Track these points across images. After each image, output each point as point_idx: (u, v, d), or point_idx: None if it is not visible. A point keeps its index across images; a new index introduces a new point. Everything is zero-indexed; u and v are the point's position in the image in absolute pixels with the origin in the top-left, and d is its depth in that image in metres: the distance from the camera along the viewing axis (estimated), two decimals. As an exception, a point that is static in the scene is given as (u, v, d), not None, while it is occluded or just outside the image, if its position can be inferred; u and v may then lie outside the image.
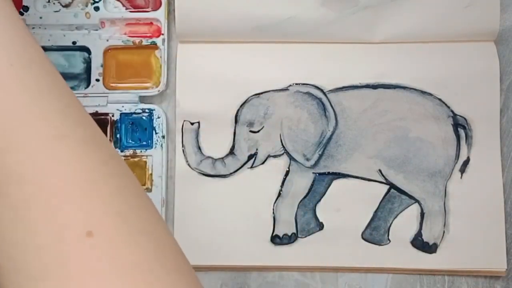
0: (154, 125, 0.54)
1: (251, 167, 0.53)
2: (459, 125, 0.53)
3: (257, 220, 0.53)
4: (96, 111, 0.54)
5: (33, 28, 0.54)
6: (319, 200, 0.53)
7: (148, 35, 0.55)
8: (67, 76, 0.55)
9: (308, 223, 0.53)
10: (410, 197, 0.53)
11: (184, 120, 0.54)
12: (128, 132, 0.54)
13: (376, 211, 0.53)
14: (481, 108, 0.54)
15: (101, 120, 0.54)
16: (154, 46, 0.55)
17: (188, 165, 0.53)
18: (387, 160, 0.53)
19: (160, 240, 0.35)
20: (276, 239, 0.53)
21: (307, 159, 0.53)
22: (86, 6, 0.55)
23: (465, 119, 0.54)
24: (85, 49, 0.55)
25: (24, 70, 0.35)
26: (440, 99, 0.54)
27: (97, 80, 0.54)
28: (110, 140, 0.53)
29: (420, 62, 0.54)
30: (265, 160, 0.53)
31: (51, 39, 0.54)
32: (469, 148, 0.53)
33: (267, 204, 0.53)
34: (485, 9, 0.53)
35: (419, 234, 0.53)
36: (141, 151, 0.53)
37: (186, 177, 0.53)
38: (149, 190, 0.53)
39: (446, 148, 0.53)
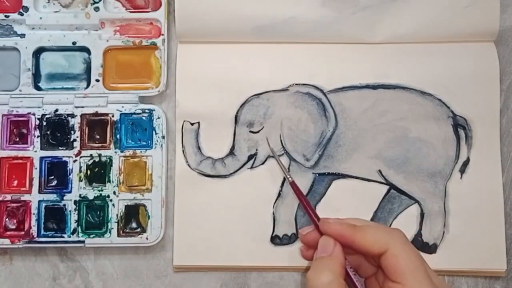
0: (154, 126, 0.54)
1: (251, 167, 0.53)
2: (459, 126, 0.53)
3: (257, 220, 0.53)
4: (96, 111, 0.54)
5: (33, 28, 0.54)
6: (319, 201, 0.53)
7: (148, 35, 0.55)
8: (67, 77, 0.55)
9: (308, 223, 0.53)
10: (410, 197, 0.53)
11: (184, 120, 0.54)
12: (128, 133, 0.54)
13: (376, 212, 0.53)
14: (481, 108, 0.54)
15: (101, 120, 0.54)
16: (154, 46, 0.55)
17: (188, 165, 0.53)
18: (387, 161, 0.53)
19: None
20: (276, 240, 0.53)
21: (307, 160, 0.53)
22: (86, 6, 0.55)
23: (465, 119, 0.54)
24: (85, 50, 0.55)
25: None
26: (440, 100, 0.54)
27: (97, 80, 0.54)
28: (110, 140, 0.53)
29: (420, 62, 0.54)
30: (265, 161, 0.53)
31: (51, 40, 0.54)
32: (469, 149, 0.53)
33: (267, 205, 0.53)
34: (485, 9, 0.53)
35: (419, 234, 0.53)
36: (141, 151, 0.53)
37: (186, 178, 0.53)
38: (149, 190, 0.53)
39: (446, 149, 0.53)
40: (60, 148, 0.53)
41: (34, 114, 0.54)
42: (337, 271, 0.43)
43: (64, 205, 0.53)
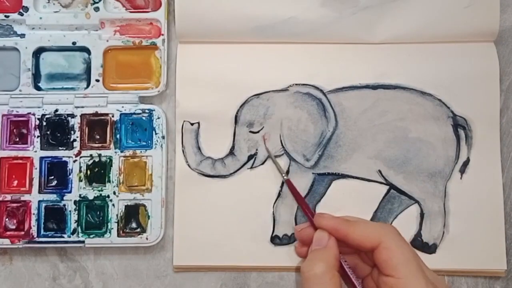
0: (154, 126, 0.54)
1: (251, 167, 0.53)
2: (459, 126, 0.53)
3: (257, 220, 0.53)
4: (96, 112, 0.54)
5: (33, 28, 0.54)
6: (319, 201, 0.53)
7: (148, 35, 0.55)
8: (67, 77, 0.55)
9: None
10: (410, 197, 0.53)
11: (184, 120, 0.54)
12: (128, 133, 0.54)
13: (375, 212, 0.53)
14: (481, 108, 0.54)
15: (101, 120, 0.54)
16: (154, 46, 0.55)
17: (188, 165, 0.53)
18: (387, 161, 0.53)
19: None
20: (276, 240, 0.53)
21: (307, 160, 0.53)
22: (86, 6, 0.55)
23: (465, 119, 0.54)
24: (85, 50, 0.55)
25: None
26: (440, 100, 0.54)
27: (97, 80, 0.54)
28: (110, 140, 0.54)
29: (420, 62, 0.54)
30: (265, 161, 0.53)
31: (51, 40, 0.54)
32: (469, 149, 0.53)
33: (267, 205, 0.53)
34: (485, 9, 0.53)
35: (418, 234, 0.53)
36: (141, 152, 0.53)
37: (186, 178, 0.53)
38: (149, 190, 0.53)
39: (446, 149, 0.53)
40: (60, 148, 0.54)
41: (34, 114, 0.54)
42: (331, 262, 0.44)
43: (64, 205, 0.53)
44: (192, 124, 0.54)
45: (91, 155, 0.53)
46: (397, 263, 0.42)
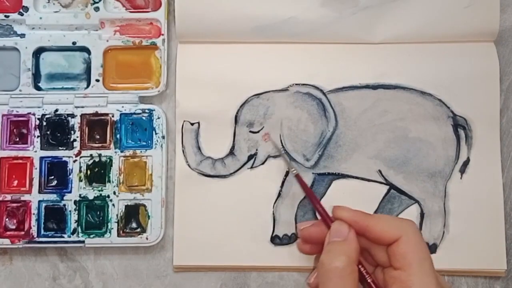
0: (154, 126, 0.54)
1: (251, 167, 0.53)
2: (459, 126, 0.53)
3: (257, 220, 0.53)
4: (96, 112, 0.54)
5: (33, 28, 0.54)
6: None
7: (148, 35, 0.55)
8: (67, 77, 0.55)
9: (308, 223, 0.53)
10: (410, 197, 0.53)
11: (184, 120, 0.54)
12: (128, 133, 0.54)
13: (376, 211, 0.53)
14: (481, 108, 0.54)
15: (101, 120, 0.54)
16: (154, 46, 0.55)
17: (188, 165, 0.53)
18: (387, 161, 0.53)
19: None
20: (276, 240, 0.53)
21: (307, 160, 0.53)
22: (86, 6, 0.55)
23: (465, 119, 0.54)
24: (85, 50, 0.55)
25: None
26: (440, 100, 0.54)
27: (97, 80, 0.54)
28: (110, 140, 0.54)
29: (420, 62, 0.54)
30: (265, 161, 0.53)
31: (51, 40, 0.54)
32: (469, 149, 0.53)
33: (267, 205, 0.53)
34: (485, 9, 0.54)
35: (419, 234, 0.53)
36: (141, 152, 0.53)
37: (186, 178, 0.53)
38: (149, 190, 0.53)
39: (446, 149, 0.53)
40: (60, 148, 0.54)
41: (34, 114, 0.54)
42: (352, 256, 0.42)
43: (64, 205, 0.53)
44: (192, 124, 0.54)
45: (91, 155, 0.53)
46: (413, 259, 0.41)
